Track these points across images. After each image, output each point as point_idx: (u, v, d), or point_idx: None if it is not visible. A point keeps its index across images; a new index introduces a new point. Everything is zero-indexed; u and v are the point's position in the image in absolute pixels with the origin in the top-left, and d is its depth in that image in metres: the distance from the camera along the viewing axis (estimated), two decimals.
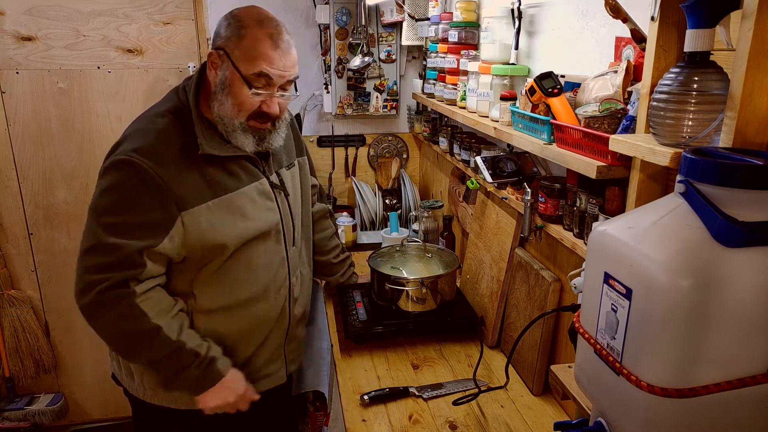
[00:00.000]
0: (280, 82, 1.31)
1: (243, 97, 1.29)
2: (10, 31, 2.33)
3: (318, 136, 2.85)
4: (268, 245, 1.42)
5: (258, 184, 1.39)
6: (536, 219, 1.50)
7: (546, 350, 1.52)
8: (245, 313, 1.41)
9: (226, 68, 1.28)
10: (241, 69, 1.27)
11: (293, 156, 1.58)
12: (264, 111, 1.32)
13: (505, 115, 1.57)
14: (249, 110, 1.31)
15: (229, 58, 1.27)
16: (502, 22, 1.70)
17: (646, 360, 0.69)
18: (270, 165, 1.45)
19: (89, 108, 2.47)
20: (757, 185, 0.66)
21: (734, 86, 0.78)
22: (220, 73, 1.30)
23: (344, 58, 2.69)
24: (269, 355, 1.49)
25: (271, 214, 1.42)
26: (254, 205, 1.37)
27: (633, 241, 0.71)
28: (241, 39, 1.27)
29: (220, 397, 1.34)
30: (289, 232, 1.49)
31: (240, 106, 1.30)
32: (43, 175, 2.50)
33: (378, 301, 1.82)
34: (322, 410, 1.77)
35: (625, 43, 1.21)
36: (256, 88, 1.29)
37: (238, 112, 1.30)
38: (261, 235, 1.39)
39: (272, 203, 1.42)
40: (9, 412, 2.62)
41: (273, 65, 1.28)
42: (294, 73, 1.33)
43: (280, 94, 1.33)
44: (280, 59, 1.29)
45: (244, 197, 1.35)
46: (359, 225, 2.74)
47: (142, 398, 1.43)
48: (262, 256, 1.41)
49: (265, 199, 1.40)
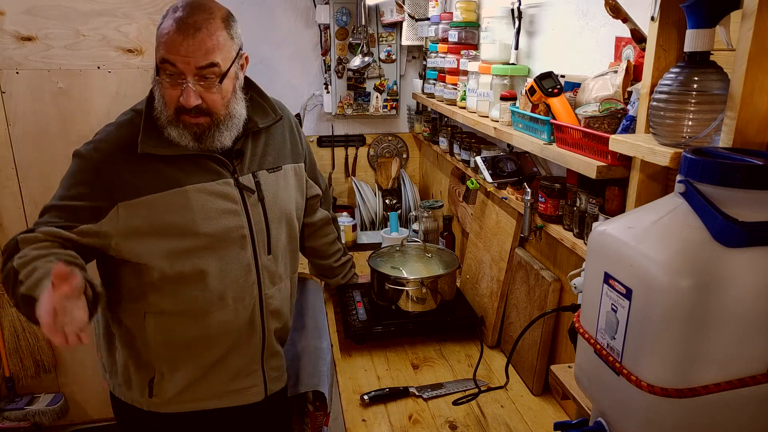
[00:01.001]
0: (189, 70, 1.20)
1: (163, 86, 1.24)
2: (9, 31, 2.33)
3: (318, 136, 2.85)
4: (228, 251, 1.33)
5: (217, 183, 1.31)
6: (536, 219, 1.50)
7: (546, 350, 1.52)
8: (199, 321, 1.34)
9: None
10: (156, 55, 1.24)
11: (283, 160, 1.47)
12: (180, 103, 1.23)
13: (505, 115, 1.57)
14: (171, 102, 1.24)
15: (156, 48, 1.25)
16: (502, 22, 1.70)
17: (646, 360, 0.69)
18: (243, 165, 1.37)
19: (89, 108, 2.47)
20: (757, 185, 0.66)
21: (734, 86, 0.78)
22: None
23: (344, 58, 2.69)
24: (238, 370, 1.42)
25: (231, 217, 1.33)
26: (206, 205, 1.29)
27: (633, 241, 0.71)
28: (158, 27, 1.24)
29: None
30: (262, 239, 1.39)
31: (163, 96, 1.25)
32: (43, 175, 2.49)
33: (378, 301, 1.82)
34: (322, 410, 1.77)
35: (625, 43, 1.21)
36: (164, 76, 1.22)
37: (164, 105, 1.25)
38: (216, 239, 1.31)
39: (235, 205, 1.33)
40: (9, 412, 2.62)
41: (174, 51, 1.19)
42: (206, 60, 1.21)
43: (194, 83, 1.22)
44: (182, 44, 1.19)
45: (194, 195, 1.28)
46: (359, 225, 2.74)
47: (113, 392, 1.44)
48: (217, 262, 1.32)
49: (225, 200, 1.32)
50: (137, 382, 1.38)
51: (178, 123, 1.25)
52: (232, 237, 1.33)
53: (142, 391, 1.38)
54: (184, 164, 1.29)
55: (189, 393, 1.39)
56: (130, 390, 1.40)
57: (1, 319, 2.57)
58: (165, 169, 1.28)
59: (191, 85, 1.22)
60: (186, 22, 1.21)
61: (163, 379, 1.37)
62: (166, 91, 1.24)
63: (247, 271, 1.37)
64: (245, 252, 1.36)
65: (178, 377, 1.37)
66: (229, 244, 1.34)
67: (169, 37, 1.20)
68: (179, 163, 1.29)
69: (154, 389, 1.37)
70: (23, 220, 2.51)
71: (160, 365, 1.36)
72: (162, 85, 1.24)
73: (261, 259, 1.40)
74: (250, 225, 1.36)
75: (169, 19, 1.22)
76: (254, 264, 1.39)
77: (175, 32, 1.20)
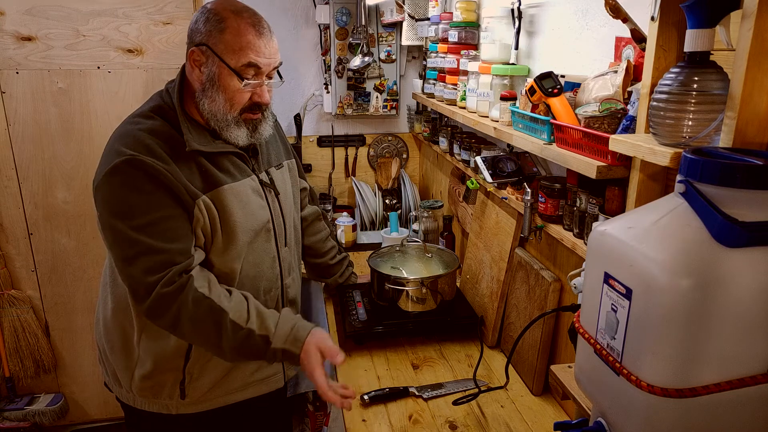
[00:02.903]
0: (268, 71, 1.30)
1: (234, 91, 1.27)
2: (10, 31, 2.33)
3: (318, 136, 2.85)
4: (259, 243, 1.39)
5: (250, 180, 1.37)
6: (536, 219, 1.50)
7: (546, 350, 1.52)
8: None
9: (212, 63, 1.26)
10: (230, 62, 1.25)
11: (282, 157, 1.56)
12: (257, 102, 1.31)
13: (505, 115, 1.57)
14: (242, 103, 1.29)
15: (214, 53, 1.25)
16: (502, 22, 1.70)
17: (646, 360, 0.69)
18: (259, 163, 1.44)
19: (89, 108, 2.47)
20: (757, 185, 0.66)
21: (734, 86, 0.78)
22: (205, 70, 1.27)
23: (344, 58, 2.69)
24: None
25: (263, 212, 1.39)
26: (247, 200, 1.35)
27: (633, 241, 0.71)
28: (222, 32, 1.24)
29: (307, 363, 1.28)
30: (281, 232, 1.47)
31: (232, 100, 1.28)
32: (43, 175, 2.49)
33: (378, 301, 1.82)
34: (322, 410, 1.77)
35: (625, 43, 1.21)
36: (247, 80, 1.27)
37: (230, 107, 1.29)
38: (254, 234, 1.37)
39: (263, 201, 1.40)
40: (9, 412, 2.62)
41: (260, 54, 1.26)
42: (279, 59, 1.32)
43: (267, 82, 1.32)
44: (265, 47, 1.27)
45: (237, 192, 1.33)
46: (359, 225, 2.74)
47: (132, 405, 1.41)
48: (252, 254, 1.38)
49: (257, 197, 1.38)
50: (167, 387, 1.36)
51: (240, 122, 1.31)
52: (262, 231, 1.39)
53: (171, 394, 1.37)
54: (219, 162, 1.33)
55: (219, 388, 1.40)
56: (158, 397, 1.37)
57: (1, 319, 2.57)
58: (208, 167, 1.30)
59: (267, 84, 1.32)
60: (261, 24, 1.28)
61: (194, 379, 1.36)
62: (239, 92, 1.28)
63: (273, 263, 1.44)
64: (270, 245, 1.42)
65: (209, 374, 1.37)
66: (260, 238, 1.39)
67: (252, 40, 1.25)
68: (216, 161, 1.32)
69: (186, 390, 1.36)
70: (23, 220, 2.51)
71: (191, 366, 1.35)
72: (233, 87, 1.27)
73: (281, 251, 1.46)
74: (273, 219, 1.42)
75: (242, 24, 1.25)
76: (277, 256, 1.45)
77: (256, 36, 1.26)
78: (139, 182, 1.21)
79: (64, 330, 2.69)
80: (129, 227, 1.20)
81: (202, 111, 1.30)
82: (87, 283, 2.63)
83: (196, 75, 1.29)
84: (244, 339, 1.24)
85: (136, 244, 1.20)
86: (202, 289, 1.23)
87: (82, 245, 2.58)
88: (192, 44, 1.29)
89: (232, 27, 1.24)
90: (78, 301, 2.65)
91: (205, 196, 1.27)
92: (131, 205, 1.21)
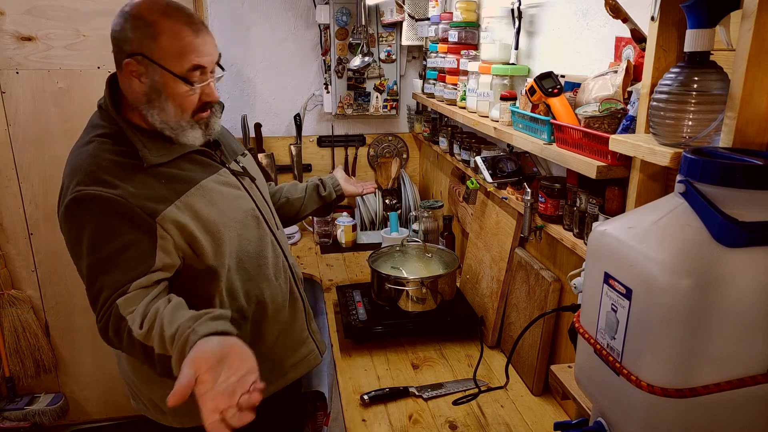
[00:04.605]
0: (210, 67, 1.24)
1: (183, 96, 1.22)
2: (10, 31, 2.33)
3: (318, 136, 2.85)
4: (250, 232, 1.36)
5: (218, 175, 1.33)
6: (536, 219, 1.50)
7: (546, 350, 1.52)
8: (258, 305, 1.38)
9: (153, 73, 1.19)
10: (173, 68, 1.18)
11: (241, 147, 1.54)
12: (206, 101, 1.26)
13: (505, 115, 1.57)
14: (192, 106, 1.24)
15: (153, 62, 1.18)
16: (502, 22, 1.70)
17: (646, 360, 0.69)
18: (225, 154, 1.41)
19: (89, 108, 2.42)
20: (757, 185, 0.66)
21: (734, 86, 0.78)
22: (147, 80, 1.20)
23: (344, 58, 2.69)
24: (293, 342, 1.47)
25: (242, 201, 1.36)
26: (219, 195, 1.31)
27: (633, 241, 0.71)
28: (156, 38, 1.17)
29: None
30: (269, 215, 1.45)
31: (182, 105, 1.23)
32: (43, 175, 2.50)
33: (378, 301, 1.82)
34: (322, 410, 1.77)
35: (625, 43, 1.21)
36: (195, 83, 1.21)
37: (182, 112, 1.24)
38: (241, 225, 1.34)
39: (239, 191, 1.37)
40: (9, 412, 2.62)
41: (202, 54, 1.20)
42: (218, 52, 1.26)
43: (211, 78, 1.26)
44: (204, 44, 1.21)
45: (205, 190, 1.28)
46: (359, 225, 2.74)
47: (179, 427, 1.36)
48: (250, 245, 1.36)
49: (230, 188, 1.35)
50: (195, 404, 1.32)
51: (194, 124, 1.26)
52: (248, 220, 1.36)
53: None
54: (183, 165, 1.29)
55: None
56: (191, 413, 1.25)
57: (2, 319, 2.58)
58: (171, 174, 1.25)
59: (213, 81, 1.25)
60: (194, 21, 1.20)
61: None
62: (188, 99, 1.22)
63: (274, 248, 1.43)
64: (264, 231, 1.41)
65: None
66: (250, 227, 1.37)
67: (191, 41, 1.19)
68: (178, 166, 1.28)
69: None
70: (23, 221, 2.51)
71: None
72: (179, 95, 1.21)
73: (276, 234, 1.46)
74: (257, 205, 1.41)
75: (176, 26, 1.18)
76: (274, 239, 1.44)
77: (194, 35, 1.19)
78: (93, 217, 1.16)
79: (64, 330, 2.69)
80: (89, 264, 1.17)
81: (153, 122, 1.24)
82: None
83: (136, 86, 1.21)
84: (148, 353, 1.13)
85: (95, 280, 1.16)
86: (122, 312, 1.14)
87: None
88: (123, 54, 1.20)
89: (165, 31, 1.17)
90: (78, 301, 2.65)
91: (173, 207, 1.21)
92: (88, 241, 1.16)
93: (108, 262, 1.16)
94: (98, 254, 1.15)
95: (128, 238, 1.16)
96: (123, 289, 1.15)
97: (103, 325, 1.16)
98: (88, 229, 1.16)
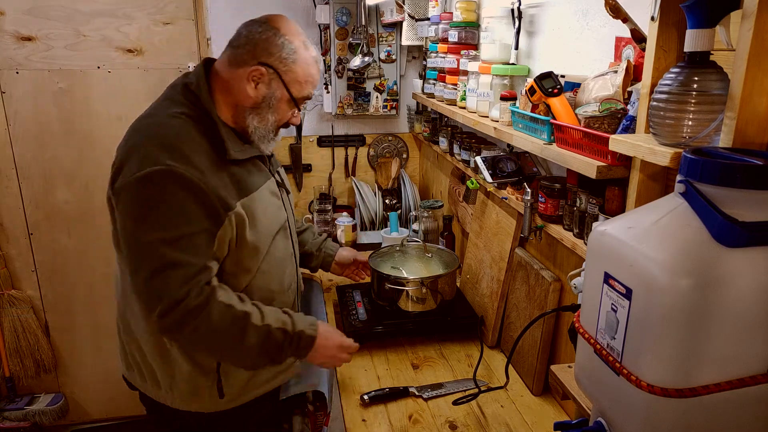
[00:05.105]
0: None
1: (285, 114, 1.36)
2: (10, 31, 2.33)
3: (318, 136, 2.85)
4: (280, 242, 1.42)
5: (270, 182, 1.41)
6: (536, 219, 1.50)
7: (546, 350, 1.52)
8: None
9: (275, 87, 1.30)
10: (293, 92, 1.32)
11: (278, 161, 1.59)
12: (292, 123, 1.40)
13: (505, 115, 1.57)
14: (283, 122, 1.38)
15: (281, 79, 1.30)
16: (502, 22, 1.70)
17: (646, 360, 0.69)
18: (273, 165, 1.48)
19: (89, 108, 2.47)
20: (757, 185, 0.66)
21: (734, 86, 0.78)
22: (264, 89, 1.30)
23: (344, 58, 2.69)
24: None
25: (281, 212, 1.43)
26: (268, 203, 1.37)
27: (633, 241, 0.71)
28: (295, 63, 1.30)
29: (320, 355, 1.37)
30: (293, 228, 1.52)
31: (279, 121, 1.36)
32: (44, 175, 2.49)
33: (378, 301, 1.82)
34: (322, 410, 1.77)
35: (625, 43, 1.21)
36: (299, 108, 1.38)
37: (276, 126, 1.36)
38: (278, 232, 1.40)
39: (279, 201, 1.43)
40: (9, 412, 2.62)
41: (316, 87, 1.38)
42: None
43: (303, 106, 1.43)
44: (318, 82, 1.38)
45: (263, 195, 1.35)
46: (359, 225, 2.74)
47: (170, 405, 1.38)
48: (278, 252, 1.41)
49: (275, 198, 1.42)
50: (206, 388, 1.36)
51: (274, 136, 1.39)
52: (281, 231, 1.42)
53: (210, 394, 1.36)
54: (250, 167, 1.36)
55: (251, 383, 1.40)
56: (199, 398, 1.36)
57: (2, 319, 2.57)
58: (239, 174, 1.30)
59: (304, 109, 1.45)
60: (318, 61, 1.38)
61: (229, 377, 1.36)
62: (286, 117, 1.37)
63: (291, 259, 1.49)
64: (288, 242, 1.47)
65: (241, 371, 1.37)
66: (280, 237, 1.42)
67: (315, 75, 1.36)
68: (246, 167, 1.34)
69: (224, 390, 1.36)
70: (23, 221, 2.51)
71: (224, 366, 1.35)
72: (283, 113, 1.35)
73: (294, 247, 1.52)
74: (288, 217, 1.47)
75: (310, 59, 1.33)
76: (294, 252, 1.50)
77: (317, 71, 1.37)
78: (173, 195, 1.17)
79: (64, 330, 2.69)
80: (157, 240, 1.17)
81: (247, 124, 1.32)
82: (87, 283, 2.63)
83: (249, 89, 1.29)
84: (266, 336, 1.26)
85: (160, 257, 1.17)
86: (222, 299, 1.23)
87: (83, 245, 2.58)
88: (254, 59, 1.28)
89: (302, 60, 1.31)
90: (78, 301, 2.65)
91: (238, 205, 1.26)
92: (162, 217, 1.17)
93: (180, 241, 1.18)
94: (171, 232, 1.17)
95: (201, 225, 1.21)
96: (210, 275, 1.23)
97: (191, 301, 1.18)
98: (166, 206, 1.17)
